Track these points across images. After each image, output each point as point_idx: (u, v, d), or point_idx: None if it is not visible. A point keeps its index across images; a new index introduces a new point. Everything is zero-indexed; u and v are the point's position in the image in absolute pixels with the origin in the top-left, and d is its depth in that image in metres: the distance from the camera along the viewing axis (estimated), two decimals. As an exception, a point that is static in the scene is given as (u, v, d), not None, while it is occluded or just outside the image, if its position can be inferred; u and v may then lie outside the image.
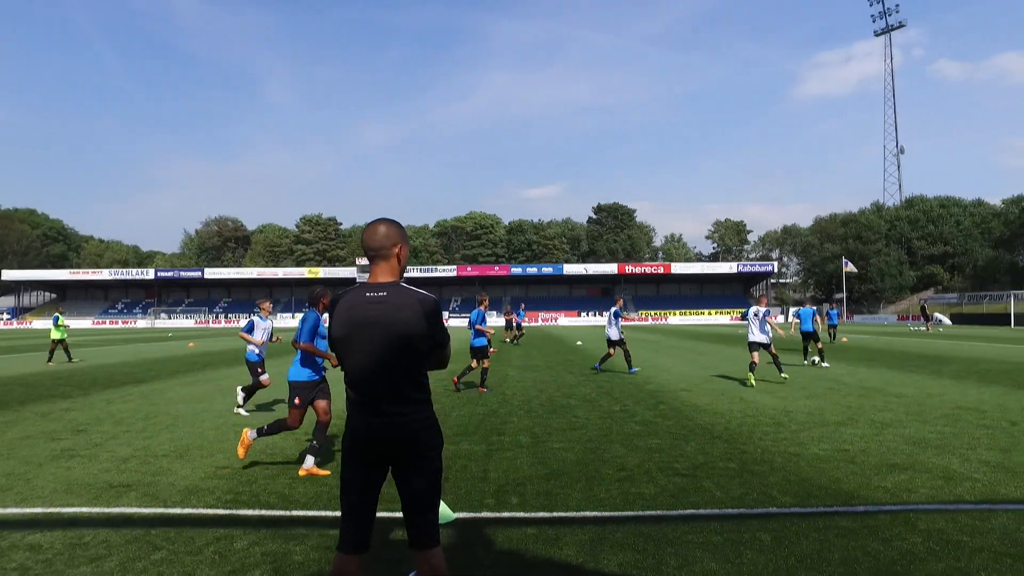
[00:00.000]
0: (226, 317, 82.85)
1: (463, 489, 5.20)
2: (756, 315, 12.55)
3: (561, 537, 4.10)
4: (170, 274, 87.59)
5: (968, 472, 5.54)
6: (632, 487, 5.19)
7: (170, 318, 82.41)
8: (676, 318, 75.53)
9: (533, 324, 70.47)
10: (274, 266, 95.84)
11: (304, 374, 6.05)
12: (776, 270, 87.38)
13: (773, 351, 12.45)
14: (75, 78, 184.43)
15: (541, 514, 4.57)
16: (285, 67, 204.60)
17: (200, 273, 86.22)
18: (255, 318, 10.07)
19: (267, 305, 10.25)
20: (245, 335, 9.85)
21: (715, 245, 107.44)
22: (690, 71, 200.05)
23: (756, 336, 12.27)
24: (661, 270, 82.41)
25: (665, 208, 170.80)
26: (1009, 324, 50.91)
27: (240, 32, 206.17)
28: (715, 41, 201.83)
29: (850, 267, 68.15)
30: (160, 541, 4.07)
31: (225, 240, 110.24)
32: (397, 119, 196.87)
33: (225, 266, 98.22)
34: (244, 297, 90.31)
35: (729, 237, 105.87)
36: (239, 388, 9.56)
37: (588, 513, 4.57)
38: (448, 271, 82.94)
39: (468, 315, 12.01)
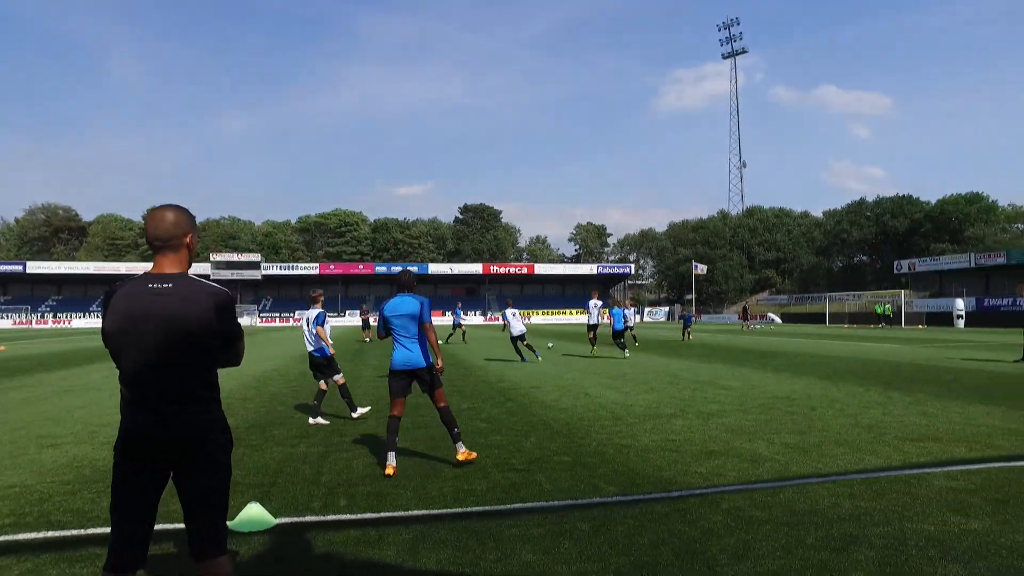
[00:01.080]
0: (54, 316, 74.47)
1: (291, 493, 4.96)
2: (594, 306, 18.86)
3: (384, 537, 4.01)
4: (-19, 267, 77.28)
5: (771, 454, 6.09)
6: (465, 484, 5.21)
7: (-18, 318, 72.72)
8: (539, 317, 77.50)
9: (398, 324, 69.62)
10: (116, 260, 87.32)
11: None
12: (633, 271, 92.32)
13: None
14: None
15: (367, 515, 4.46)
16: (129, 39, 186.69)
17: (21, 267, 76.86)
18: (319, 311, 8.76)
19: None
20: (322, 330, 8.59)
21: (577, 247, 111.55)
22: (559, 78, 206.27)
23: (593, 320, 18.81)
24: (525, 270, 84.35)
25: (531, 210, 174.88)
26: (825, 322, 57.18)
27: None
28: (583, 51, 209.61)
29: (700, 269, 73.34)
30: (-87, 572, 3.52)
31: (55, 231, 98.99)
32: (259, 108, 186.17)
33: (55, 259, 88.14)
34: (78, 294, 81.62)
35: (591, 240, 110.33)
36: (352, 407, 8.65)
37: (415, 512, 4.52)
38: (310, 269, 79.89)
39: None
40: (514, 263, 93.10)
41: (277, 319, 75.58)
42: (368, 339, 28.93)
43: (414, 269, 79.80)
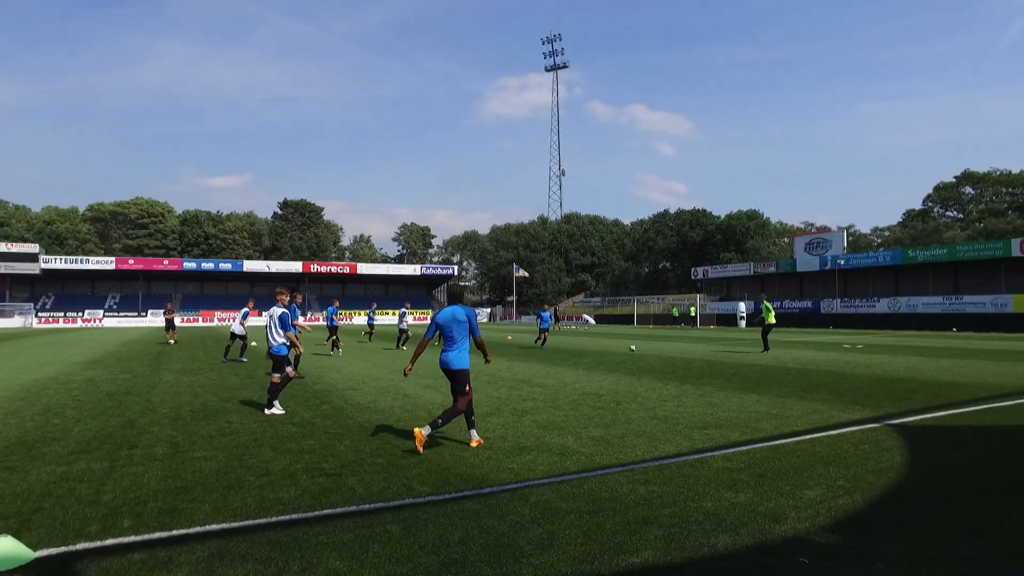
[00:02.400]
0: None
1: (60, 519, 4.36)
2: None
3: (175, 558, 3.66)
4: None
5: (578, 447, 6.46)
6: (272, 492, 4.93)
7: None
8: (361, 318, 75.74)
9: (207, 324, 64.33)
10: None
11: None
12: (456, 273, 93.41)
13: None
14: None
15: (157, 535, 4.04)
16: None
17: None
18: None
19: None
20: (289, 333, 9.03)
21: (401, 248, 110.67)
22: (386, 76, 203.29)
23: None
24: (347, 270, 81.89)
25: (354, 208, 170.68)
26: (633, 323, 62.07)
27: None
28: (411, 51, 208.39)
29: (520, 272, 76.05)
30: None
31: None
32: (36, 77, 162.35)
33: None
34: None
35: (415, 240, 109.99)
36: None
37: (214, 526, 4.18)
38: (105, 263, 71.02)
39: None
40: (336, 262, 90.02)
41: (61, 319, 66.46)
42: (173, 341, 26.40)
43: (228, 266, 74.42)
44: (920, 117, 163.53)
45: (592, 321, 64.50)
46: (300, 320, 9.97)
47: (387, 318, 76.05)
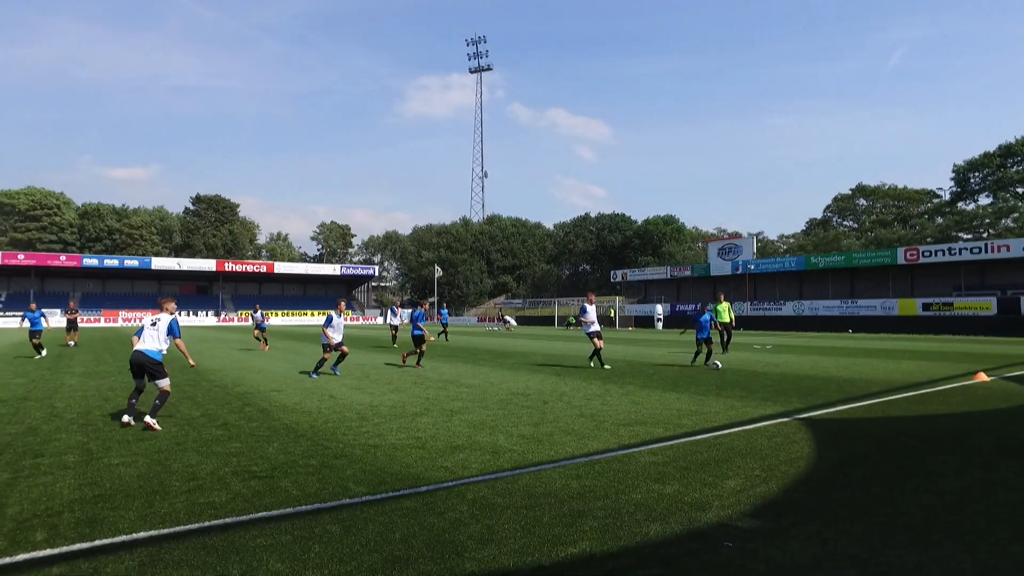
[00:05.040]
0: None
1: (-35, 531, 4.09)
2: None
3: (101, 569, 3.52)
4: None
5: (510, 445, 6.59)
6: (201, 497, 4.79)
7: None
8: (278, 319, 73.39)
9: (110, 325, 60.63)
10: None
11: None
12: (377, 273, 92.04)
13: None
14: None
15: (77, 546, 3.86)
16: None
17: None
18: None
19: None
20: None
21: (320, 247, 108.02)
22: (303, 70, 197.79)
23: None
24: (264, 269, 79.20)
25: (271, 206, 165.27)
26: (553, 324, 63.06)
27: None
28: (330, 45, 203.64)
29: (439, 273, 75.78)
30: None
31: None
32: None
33: None
34: None
35: (334, 240, 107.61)
36: None
37: (141, 534, 4.04)
38: (-13, 257, 65.67)
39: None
40: (252, 261, 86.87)
41: (-64, 320, 60.84)
42: (73, 343, 24.77)
43: (134, 263, 70.35)
44: (820, 131, 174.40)
45: (514, 322, 65.03)
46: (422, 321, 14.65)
47: (302, 319, 74.07)
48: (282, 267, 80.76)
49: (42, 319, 19.78)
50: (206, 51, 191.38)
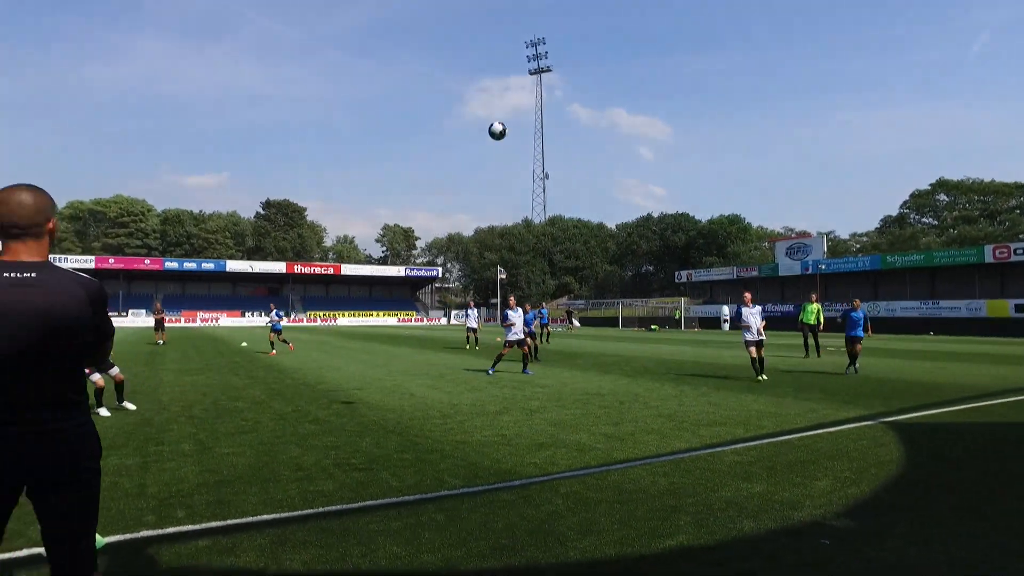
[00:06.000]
0: None
1: (114, 509, 4.54)
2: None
3: (237, 544, 3.88)
4: None
5: (593, 443, 6.74)
6: (311, 485, 5.14)
7: None
8: (345, 319, 75.56)
9: (190, 324, 63.70)
10: None
11: None
12: (440, 275, 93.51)
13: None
14: None
15: (213, 524, 4.25)
16: None
17: None
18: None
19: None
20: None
21: (384, 249, 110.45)
22: (366, 77, 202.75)
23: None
24: (331, 271, 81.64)
25: (337, 209, 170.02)
26: (618, 325, 62.64)
27: None
28: (391, 52, 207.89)
29: (503, 274, 76.38)
30: None
31: None
32: (11, 69, 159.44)
33: None
34: None
35: (398, 242, 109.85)
36: None
37: (266, 516, 4.40)
38: (84, 261, 70.06)
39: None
40: (320, 263, 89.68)
41: (36, 319, 65.33)
42: (162, 341, 26.29)
43: (210, 266, 73.79)
44: (896, 125, 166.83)
45: (577, 323, 64.96)
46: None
47: (368, 319, 75.92)
48: (349, 269, 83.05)
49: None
50: (274, 62, 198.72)
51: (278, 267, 77.78)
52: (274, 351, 20.15)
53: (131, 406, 9.10)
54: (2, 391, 2.13)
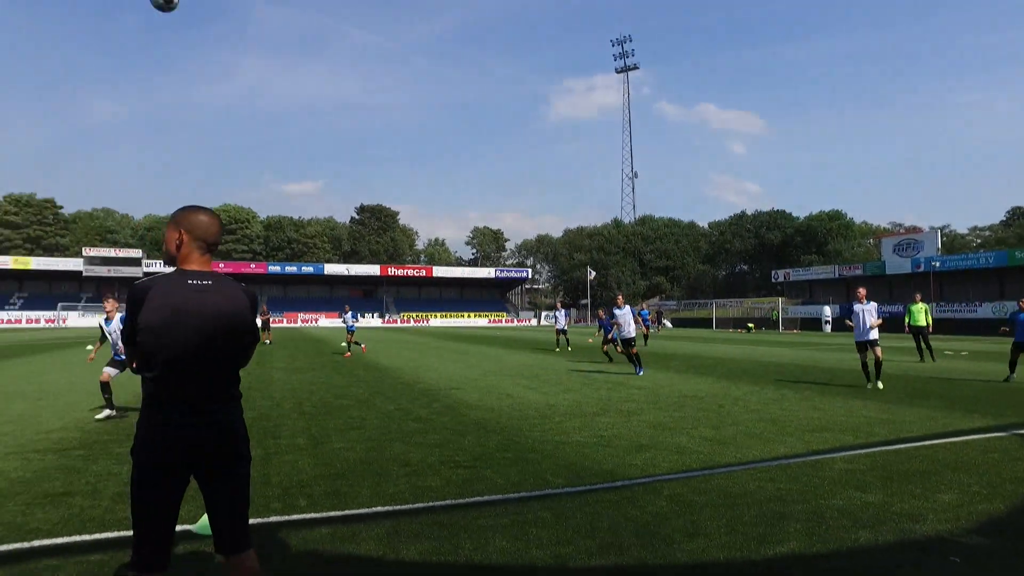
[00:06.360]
0: None
1: (243, 496, 4.92)
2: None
3: (357, 534, 4.12)
4: None
5: (694, 446, 6.65)
6: (419, 481, 5.36)
7: None
8: (437, 320, 77.35)
9: (292, 325, 67.13)
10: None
11: None
12: (530, 276, 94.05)
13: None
14: None
15: (332, 513, 4.53)
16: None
17: None
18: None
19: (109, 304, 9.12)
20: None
21: (474, 251, 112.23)
22: (454, 82, 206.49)
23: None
24: (423, 273, 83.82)
25: (427, 212, 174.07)
26: (712, 326, 60.88)
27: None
28: (478, 57, 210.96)
29: (593, 275, 75.93)
30: None
31: None
32: (133, 93, 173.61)
33: None
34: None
35: (487, 244, 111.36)
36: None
37: (380, 508, 4.64)
38: (196, 267, 75.35)
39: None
40: (412, 265, 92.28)
41: (158, 320, 70.84)
42: (268, 341, 27.90)
43: (309, 269, 77.58)
44: (1020, 108, 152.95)
45: (669, 324, 63.67)
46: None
47: (459, 320, 77.31)
48: (440, 271, 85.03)
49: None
50: (364, 71, 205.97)
51: (372, 270, 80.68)
52: (349, 353, 20.59)
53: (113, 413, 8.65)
54: (185, 384, 2.43)
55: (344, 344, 21.41)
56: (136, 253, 74.89)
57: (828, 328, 49.95)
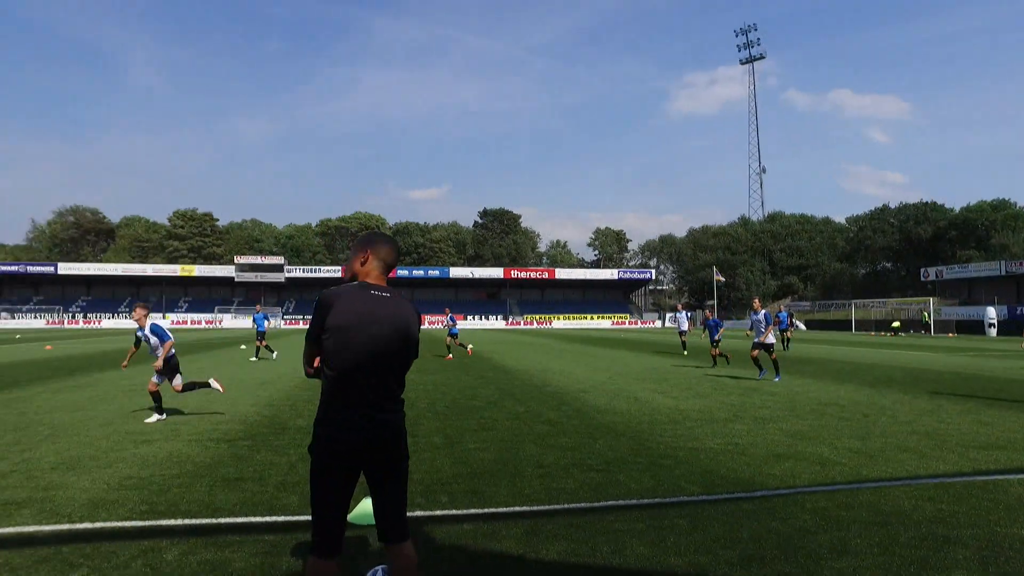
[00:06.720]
0: (85, 316, 75.91)
1: (390, 490, 5.25)
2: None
3: (497, 531, 4.29)
4: (13, 268, 79.04)
5: (837, 458, 6.30)
6: (553, 483, 5.48)
7: (13, 317, 74.24)
8: (560, 322, 77.70)
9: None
10: (142, 262, 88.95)
11: None
12: (654, 277, 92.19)
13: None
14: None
15: (473, 510, 4.74)
16: (149, 46, 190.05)
17: (53, 268, 78.54)
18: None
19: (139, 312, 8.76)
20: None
21: (597, 252, 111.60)
22: (570, 82, 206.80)
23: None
24: (546, 275, 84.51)
25: (549, 215, 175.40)
26: (851, 329, 56.74)
27: (94, 3, 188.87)
28: (594, 55, 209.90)
29: (719, 277, 73.14)
30: (76, 558, 3.84)
31: (83, 232, 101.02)
32: (274, 113, 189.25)
33: (83, 261, 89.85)
34: (106, 295, 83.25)
35: (609, 245, 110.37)
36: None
37: (517, 508, 4.79)
38: (333, 271, 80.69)
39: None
40: (535, 268, 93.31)
41: (300, 321, 76.40)
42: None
43: (435, 273, 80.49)
44: None
45: (802, 326, 60.08)
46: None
47: (582, 322, 77.15)
48: (563, 273, 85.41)
49: (265, 321, 21.42)
50: (484, 77, 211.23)
51: (496, 273, 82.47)
52: (450, 355, 20.75)
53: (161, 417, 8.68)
54: (364, 384, 2.67)
55: (447, 347, 21.54)
56: (279, 260, 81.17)
57: (992, 332, 45.12)
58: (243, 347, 20.77)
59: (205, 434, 7.62)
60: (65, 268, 78.72)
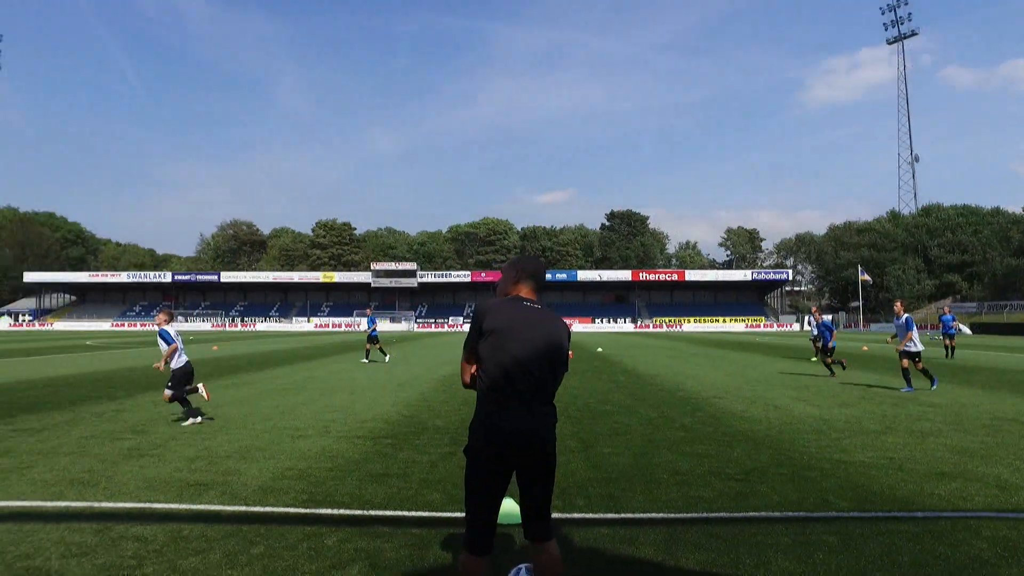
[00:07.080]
0: (242, 320, 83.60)
1: (527, 491, 5.38)
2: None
3: (636, 537, 4.28)
4: (187, 277, 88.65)
5: (1018, 481, 5.67)
6: (691, 491, 5.37)
7: (187, 320, 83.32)
8: (691, 325, 75.40)
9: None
10: (289, 270, 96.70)
11: None
12: (791, 278, 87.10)
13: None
14: (88, 82, 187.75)
15: (610, 515, 4.75)
16: (294, 71, 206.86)
17: (216, 276, 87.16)
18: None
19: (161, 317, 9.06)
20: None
21: (728, 253, 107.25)
22: (697, 77, 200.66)
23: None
24: (675, 277, 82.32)
25: (677, 215, 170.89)
26: (1028, 334, 50.51)
27: (249, 36, 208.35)
28: (721, 48, 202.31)
29: (865, 276, 67.84)
30: (254, 536, 4.29)
31: (241, 244, 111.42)
32: (405, 125, 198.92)
33: (240, 270, 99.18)
34: (260, 300, 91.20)
35: (742, 245, 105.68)
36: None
37: (655, 515, 4.75)
38: (462, 276, 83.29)
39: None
40: (663, 270, 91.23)
41: (432, 325, 79.56)
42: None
43: (563, 276, 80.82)
44: None
45: (966, 330, 54.36)
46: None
47: (713, 325, 74.44)
48: (692, 275, 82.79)
49: (373, 324, 22.13)
50: (606, 78, 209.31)
51: (624, 275, 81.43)
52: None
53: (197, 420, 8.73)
54: (523, 386, 2.80)
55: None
56: (411, 266, 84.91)
57: None
58: (381, 350, 22.01)
59: (352, 432, 8.16)
60: (226, 276, 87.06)
